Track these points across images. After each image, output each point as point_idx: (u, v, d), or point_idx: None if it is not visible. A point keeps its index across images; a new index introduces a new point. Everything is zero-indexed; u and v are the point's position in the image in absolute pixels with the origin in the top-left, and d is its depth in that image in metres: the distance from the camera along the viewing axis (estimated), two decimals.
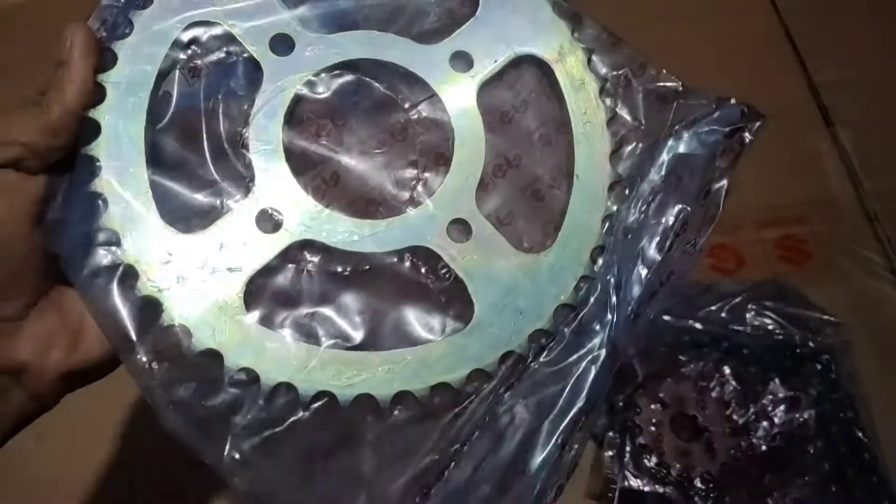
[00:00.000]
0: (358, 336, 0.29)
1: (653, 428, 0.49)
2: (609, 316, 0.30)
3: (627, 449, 0.48)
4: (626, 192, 0.31)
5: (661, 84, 0.33)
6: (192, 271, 0.28)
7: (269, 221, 0.29)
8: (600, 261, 0.30)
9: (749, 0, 0.74)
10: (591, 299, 0.30)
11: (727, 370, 0.51)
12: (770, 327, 0.52)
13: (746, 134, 0.31)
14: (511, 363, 0.29)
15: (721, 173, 0.31)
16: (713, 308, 0.53)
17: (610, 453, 0.48)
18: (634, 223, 0.31)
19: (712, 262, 0.59)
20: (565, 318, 0.30)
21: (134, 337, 0.28)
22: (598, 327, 0.30)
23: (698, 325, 0.52)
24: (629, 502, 0.47)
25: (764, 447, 0.48)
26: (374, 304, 0.29)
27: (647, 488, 0.47)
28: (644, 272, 0.30)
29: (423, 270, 0.30)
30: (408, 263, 0.30)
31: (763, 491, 0.47)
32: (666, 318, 0.53)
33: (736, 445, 0.48)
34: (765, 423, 0.49)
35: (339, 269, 0.30)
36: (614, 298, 0.30)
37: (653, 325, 0.47)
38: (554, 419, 0.29)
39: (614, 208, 0.31)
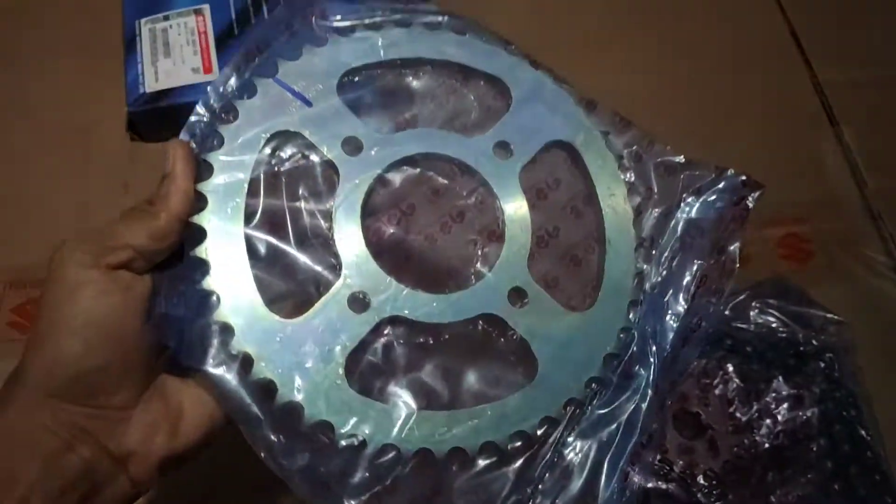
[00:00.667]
0: (444, 396, 0.34)
1: (655, 425, 0.49)
2: (650, 359, 0.35)
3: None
4: (652, 251, 0.37)
5: (668, 158, 0.39)
6: (299, 352, 0.32)
7: (359, 303, 0.33)
8: (635, 313, 0.36)
9: None
10: (633, 347, 0.35)
11: (730, 368, 0.50)
12: (773, 325, 0.52)
13: (749, 202, 0.37)
14: (573, 408, 0.34)
15: (731, 235, 0.37)
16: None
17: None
18: (659, 279, 0.37)
19: None
20: (612, 365, 0.35)
21: (260, 416, 0.32)
22: (641, 371, 0.35)
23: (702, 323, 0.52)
24: (641, 496, 0.47)
25: (767, 445, 0.48)
26: (456, 367, 0.34)
27: (650, 485, 0.47)
28: (673, 322, 0.36)
29: (493, 335, 0.35)
30: (480, 329, 0.35)
31: (766, 489, 0.47)
32: None
33: (739, 443, 0.48)
34: (768, 421, 0.49)
35: (422, 340, 0.34)
36: (653, 346, 0.35)
37: None
38: (614, 454, 0.34)
39: (644, 267, 0.37)
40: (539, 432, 0.34)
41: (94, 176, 0.65)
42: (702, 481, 0.47)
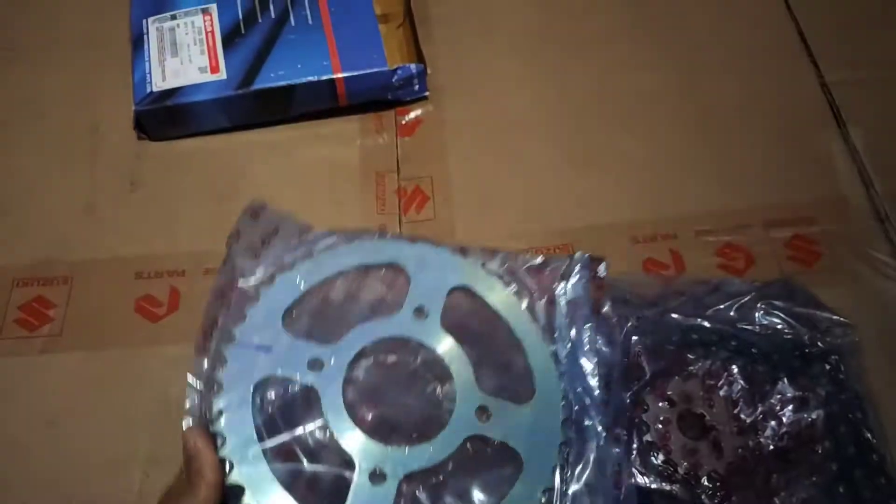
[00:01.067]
0: None
1: (660, 425, 0.49)
2: (590, 410, 0.44)
3: (634, 446, 0.48)
4: (553, 334, 0.46)
5: (531, 262, 0.47)
6: None
7: (377, 477, 0.40)
8: (565, 384, 0.44)
9: None
10: (575, 407, 0.44)
11: (735, 369, 0.50)
12: (779, 327, 0.52)
13: (600, 272, 0.47)
14: (558, 469, 0.42)
15: (599, 297, 0.47)
16: (721, 307, 0.52)
17: (617, 450, 0.48)
18: (568, 347, 0.45)
19: (721, 262, 0.59)
20: (569, 427, 0.43)
21: None
22: (587, 420, 0.44)
23: (706, 324, 0.52)
24: (643, 498, 0.46)
25: (771, 446, 0.48)
26: (467, 486, 0.41)
27: (654, 486, 0.46)
28: (592, 377, 0.44)
29: (479, 449, 0.42)
30: (469, 449, 0.42)
31: (770, 490, 0.46)
32: (674, 316, 0.52)
33: (743, 444, 0.48)
34: (773, 423, 0.49)
35: (434, 480, 0.41)
36: (587, 399, 0.44)
37: (660, 323, 0.52)
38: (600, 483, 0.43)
39: (553, 347, 0.45)
40: (543, 500, 0.41)
41: (101, 174, 0.66)
42: (706, 482, 0.47)
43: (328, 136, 0.68)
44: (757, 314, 0.52)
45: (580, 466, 0.42)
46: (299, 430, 0.40)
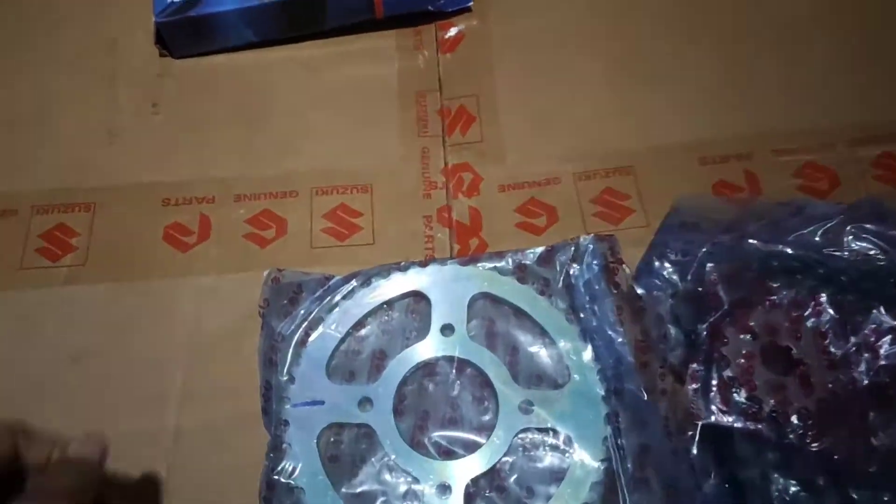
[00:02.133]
0: None
1: (742, 360, 0.44)
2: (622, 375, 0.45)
3: (714, 383, 0.44)
4: (580, 315, 0.48)
5: (539, 252, 0.50)
6: None
7: (445, 489, 0.43)
8: (594, 358, 0.47)
9: None
10: (610, 376, 0.46)
11: (823, 298, 0.46)
12: (871, 252, 0.47)
13: (617, 253, 0.49)
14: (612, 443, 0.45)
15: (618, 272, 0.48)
16: (805, 231, 0.47)
17: (693, 386, 0.44)
18: (595, 327, 0.47)
19: (801, 183, 0.54)
20: (612, 398, 0.45)
21: None
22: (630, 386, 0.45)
23: (789, 250, 0.47)
24: (713, 440, 0.43)
25: (866, 382, 0.43)
26: (532, 482, 0.44)
27: (737, 424, 0.42)
28: (621, 346, 0.46)
29: (539, 440, 0.45)
30: (523, 443, 0.45)
31: (867, 429, 0.42)
32: (752, 241, 0.48)
33: (835, 379, 0.43)
34: (867, 356, 0.44)
35: (497, 481, 0.44)
36: (621, 366, 0.46)
37: (738, 249, 0.48)
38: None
39: (579, 328, 0.47)
40: (602, 469, 0.44)
41: (121, 94, 0.61)
42: (795, 420, 0.42)
43: (364, 52, 0.62)
44: (846, 238, 0.47)
45: (633, 432, 0.44)
46: (365, 468, 0.44)
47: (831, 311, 0.45)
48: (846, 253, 0.47)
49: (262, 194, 0.55)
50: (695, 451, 0.43)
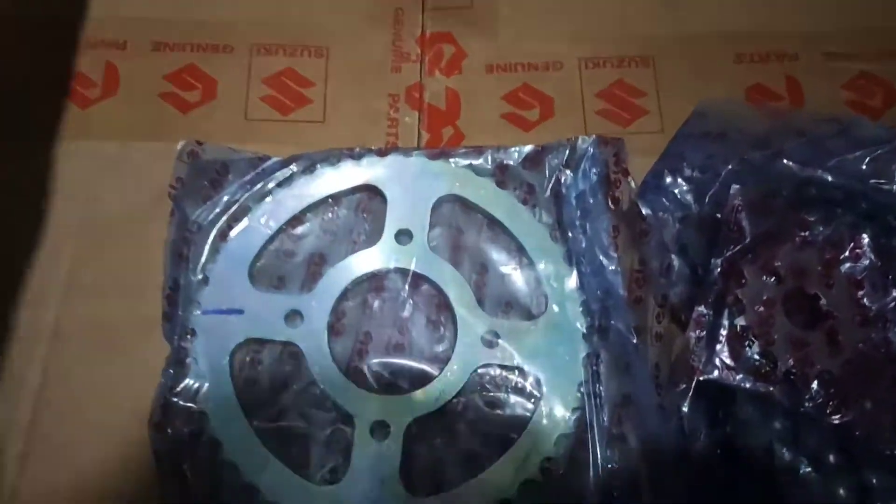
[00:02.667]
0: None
1: (760, 307, 0.38)
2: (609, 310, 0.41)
3: (722, 331, 0.38)
4: (567, 233, 0.43)
5: (528, 151, 0.44)
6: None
7: (381, 429, 0.38)
8: (580, 288, 0.42)
9: None
10: (595, 310, 0.41)
11: (865, 239, 0.40)
12: None
13: (622, 161, 0.43)
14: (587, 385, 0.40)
15: (619, 187, 0.43)
16: (850, 157, 0.42)
17: (696, 334, 0.38)
18: (584, 245, 0.42)
19: (851, 97, 0.48)
20: (593, 332, 0.41)
21: None
22: (612, 322, 0.41)
23: (829, 177, 0.42)
24: (710, 398, 0.38)
25: None
26: (488, 431, 0.39)
27: (745, 384, 0.36)
28: (612, 274, 0.41)
29: (502, 379, 0.40)
30: (482, 382, 0.40)
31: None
32: (787, 162, 0.42)
33: (866, 339, 0.38)
34: None
35: (445, 425, 0.39)
36: (609, 300, 0.41)
37: (769, 170, 0.43)
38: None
39: (564, 249, 0.42)
40: (573, 420, 0.39)
41: None
42: (815, 386, 0.36)
43: None
44: None
45: (615, 379, 0.39)
46: (286, 396, 0.39)
47: (872, 257, 0.40)
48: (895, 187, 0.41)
49: (188, 45, 0.48)
50: (686, 408, 0.39)
